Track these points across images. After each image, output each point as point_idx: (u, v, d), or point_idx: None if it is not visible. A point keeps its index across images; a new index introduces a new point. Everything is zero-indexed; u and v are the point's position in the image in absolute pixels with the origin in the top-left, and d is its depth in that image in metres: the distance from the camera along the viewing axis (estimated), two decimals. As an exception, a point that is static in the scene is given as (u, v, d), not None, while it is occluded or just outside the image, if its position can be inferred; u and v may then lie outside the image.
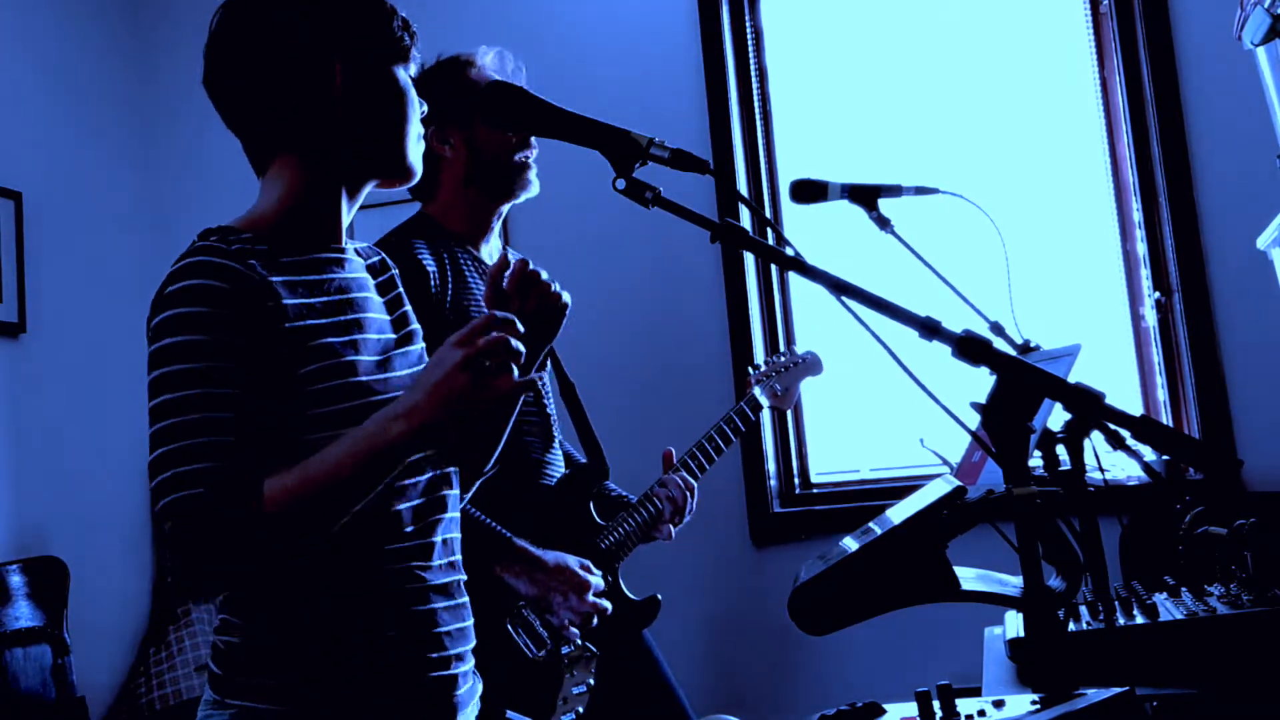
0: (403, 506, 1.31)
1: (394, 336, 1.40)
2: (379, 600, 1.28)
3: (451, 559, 1.38)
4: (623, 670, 2.14)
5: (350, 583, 1.27)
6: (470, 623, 1.39)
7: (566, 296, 1.57)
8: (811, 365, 2.63)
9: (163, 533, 1.14)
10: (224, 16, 1.34)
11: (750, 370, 2.55)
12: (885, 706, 1.06)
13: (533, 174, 2.11)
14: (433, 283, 1.98)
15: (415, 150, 1.39)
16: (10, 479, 2.99)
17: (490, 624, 1.94)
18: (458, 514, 1.41)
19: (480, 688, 1.43)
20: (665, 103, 3.27)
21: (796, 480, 3.22)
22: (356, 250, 1.44)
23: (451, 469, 1.40)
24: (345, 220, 1.39)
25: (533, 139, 2.09)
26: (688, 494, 2.23)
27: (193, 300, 1.19)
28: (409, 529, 1.31)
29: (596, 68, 3.33)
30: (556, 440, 2.16)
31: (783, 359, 2.59)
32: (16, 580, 2.80)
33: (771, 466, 3.16)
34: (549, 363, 2.18)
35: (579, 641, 2.04)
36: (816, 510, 3.13)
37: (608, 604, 2.02)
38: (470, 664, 1.38)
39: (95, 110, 3.44)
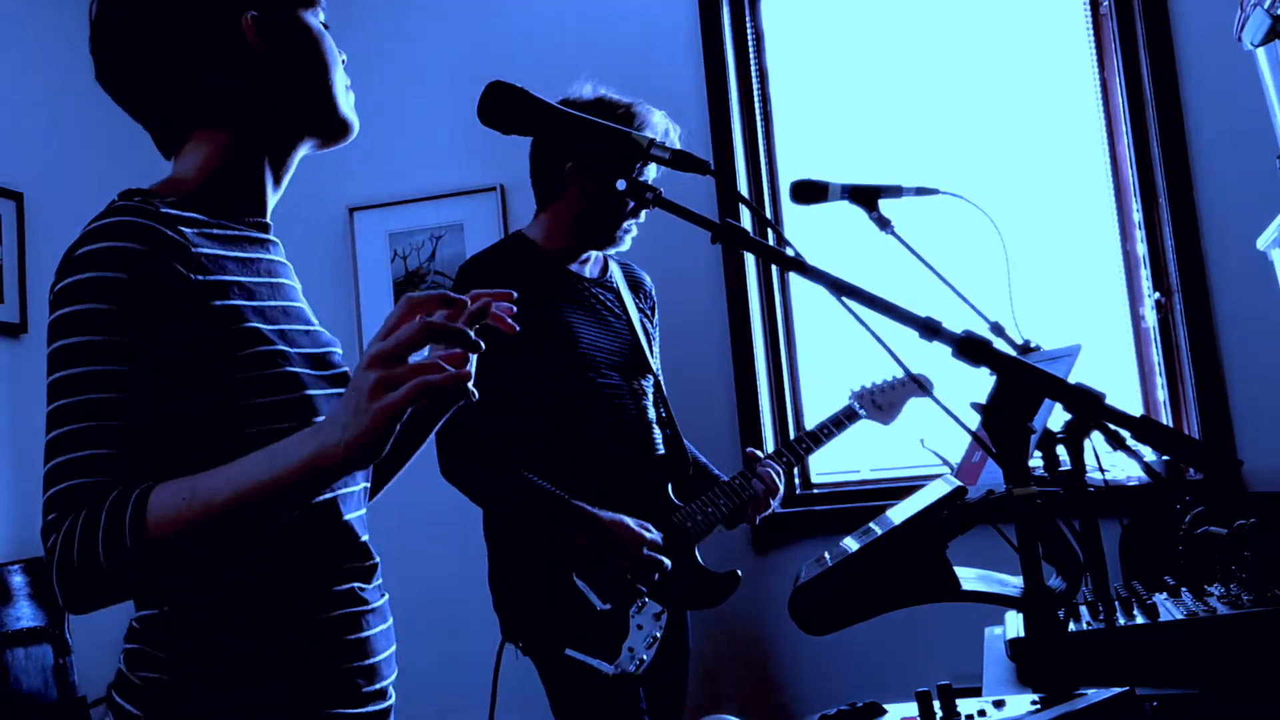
0: (351, 517, 1.23)
1: (319, 330, 1.30)
2: (322, 627, 1.19)
3: (380, 580, 1.29)
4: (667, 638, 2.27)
5: (293, 607, 1.17)
6: (394, 647, 1.31)
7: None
8: (923, 384, 2.66)
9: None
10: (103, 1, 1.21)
11: (851, 390, 2.66)
12: (885, 706, 1.06)
13: (630, 237, 2.34)
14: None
15: (346, 101, 1.28)
16: (11, 479, 3.00)
17: (558, 577, 2.14)
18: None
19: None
20: (666, 103, 3.25)
21: (797, 480, 3.22)
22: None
23: (367, 484, 1.32)
24: (271, 196, 1.29)
25: (641, 214, 2.31)
26: (773, 485, 2.39)
27: (103, 265, 1.06)
28: (356, 541, 1.23)
29: (597, 68, 3.33)
30: (644, 426, 2.32)
31: (889, 380, 2.67)
32: (18, 580, 2.81)
33: (772, 467, 3.16)
34: (653, 375, 2.39)
35: (646, 599, 2.18)
36: (817, 510, 3.13)
37: (667, 560, 2.16)
38: (392, 697, 1.29)
39: (97, 111, 3.43)
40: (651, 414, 2.34)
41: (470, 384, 1.00)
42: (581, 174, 2.26)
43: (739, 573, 2.34)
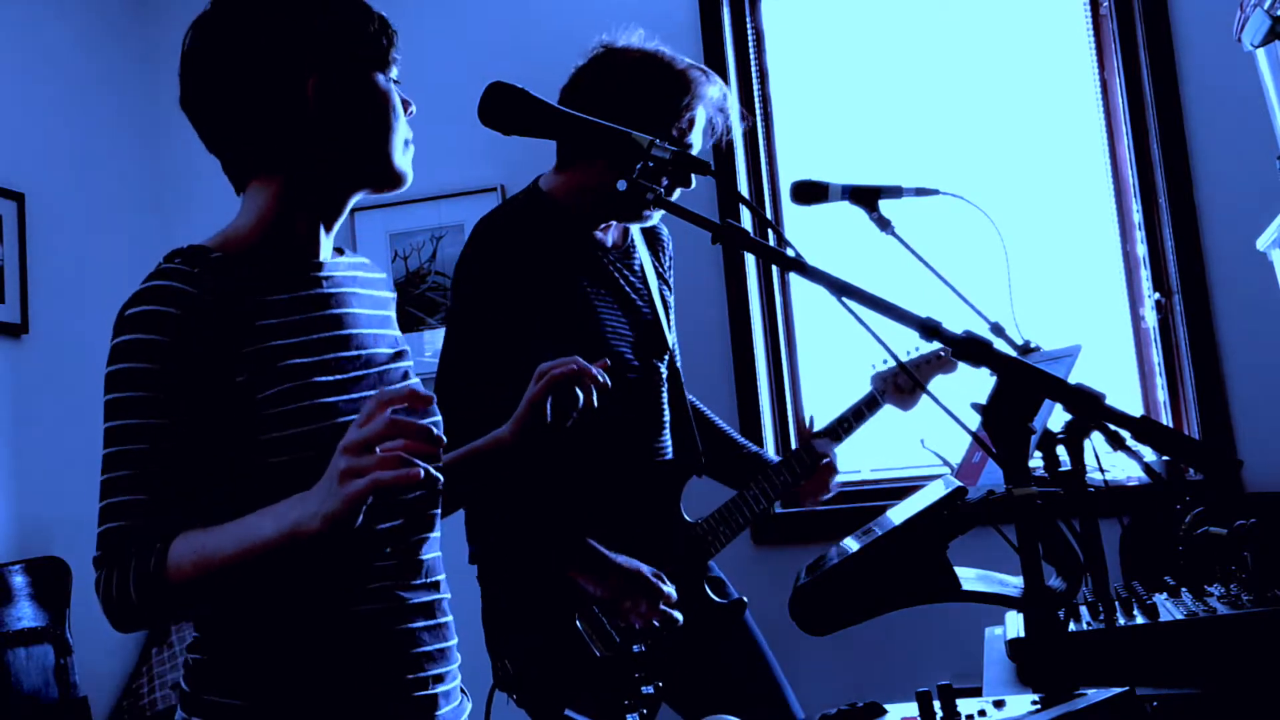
0: (385, 525, 1.29)
1: (386, 352, 1.37)
2: (354, 621, 1.26)
3: (435, 579, 1.35)
4: (721, 664, 2.12)
5: (325, 603, 1.25)
6: (454, 642, 1.36)
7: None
8: (946, 362, 2.40)
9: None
10: (195, 35, 1.30)
11: (873, 366, 2.43)
12: (886, 706, 1.06)
13: (658, 215, 2.09)
14: (541, 262, 1.95)
15: (402, 157, 1.34)
16: (13, 479, 3.00)
17: (561, 621, 1.94)
18: (439, 534, 1.38)
19: (469, 707, 1.40)
20: (666, 104, 3.27)
21: (797, 481, 3.21)
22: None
23: (439, 487, 1.35)
24: (325, 240, 1.35)
25: (675, 191, 2.04)
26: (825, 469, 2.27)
27: (144, 328, 1.20)
28: (389, 549, 1.29)
29: (597, 69, 3.33)
30: (658, 422, 2.12)
31: (912, 359, 2.42)
32: (19, 580, 2.81)
33: (772, 467, 3.16)
34: (669, 354, 2.17)
35: (648, 645, 2.01)
36: (817, 511, 3.12)
37: (679, 615, 1.97)
38: (455, 683, 1.36)
39: (98, 111, 3.44)
40: (667, 412, 2.14)
41: (434, 469, 1.13)
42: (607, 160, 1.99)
43: (744, 600, 2.19)
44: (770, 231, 1.61)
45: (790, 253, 1.11)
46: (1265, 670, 1.27)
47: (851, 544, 1.12)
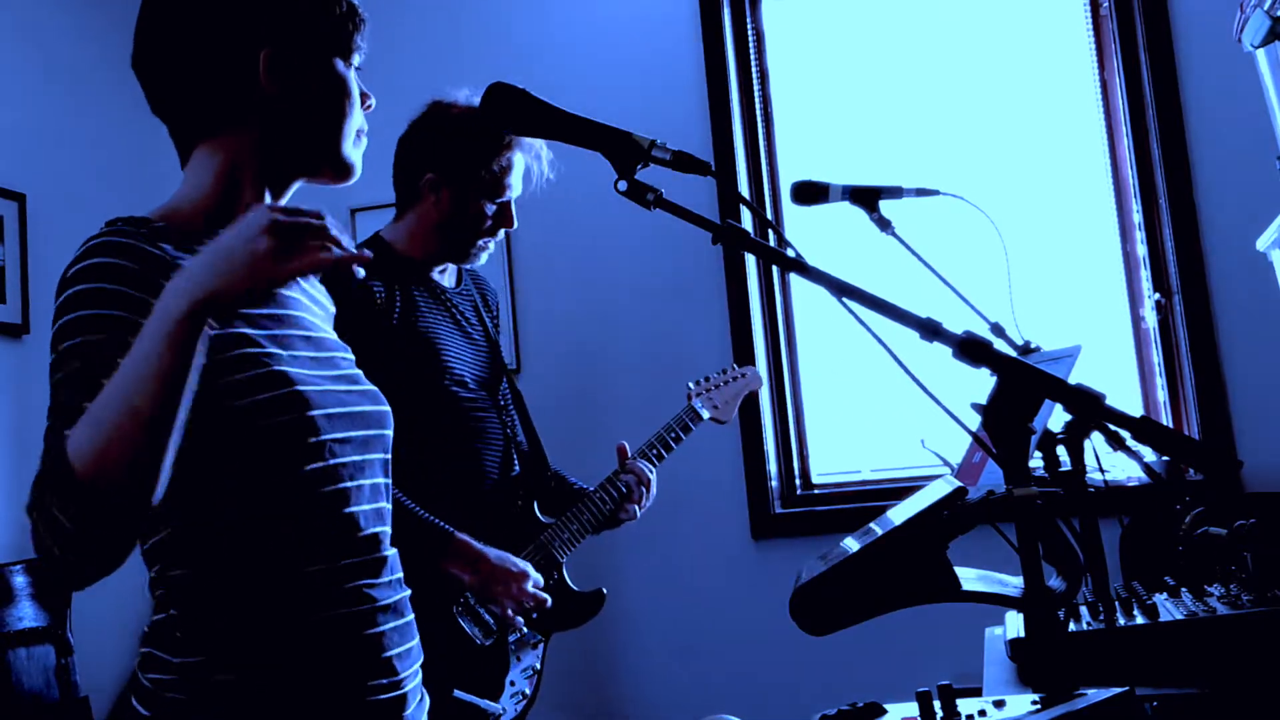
0: (354, 510, 1.24)
1: (325, 335, 1.33)
2: (329, 626, 1.20)
3: (396, 575, 1.31)
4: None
5: (298, 605, 1.19)
6: (416, 640, 1.34)
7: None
8: (751, 380, 2.67)
9: None
10: None
11: (690, 384, 2.59)
12: (886, 706, 1.06)
13: (485, 254, 2.28)
14: (379, 299, 2.12)
15: (353, 148, 1.31)
16: (13, 479, 3.00)
17: (438, 613, 2.08)
18: (390, 529, 1.34)
19: (429, 703, 1.38)
20: (667, 104, 3.28)
21: (798, 481, 3.22)
22: None
23: (386, 479, 1.33)
24: None
25: (499, 232, 2.26)
26: (644, 487, 2.37)
27: (98, 277, 1.10)
28: (361, 535, 1.24)
29: (598, 69, 3.34)
30: (501, 446, 2.27)
31: (724, 374, 2.63)
32: (20, 580, 2.81)
33: (773, 467, 3.16)
34: (499, 377, 2.34)
35: (524, 630, 2.20)
36: (818, 511, 3.13)
37: (547, 596, 2.16)
38: (419, 679, 1.33)
39: (100, 112, 3.44)
40: (512, 429, 2.31)
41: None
42: (440, 185, 2.19)
43: (604, 591, 2.35)
44: (770, 232, 1.61)
45: (790, 253, 1.11)
46: (1265, 670, 1.27)
47: (851, 544, 1.12)
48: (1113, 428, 0.97)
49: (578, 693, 3.14)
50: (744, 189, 3.25)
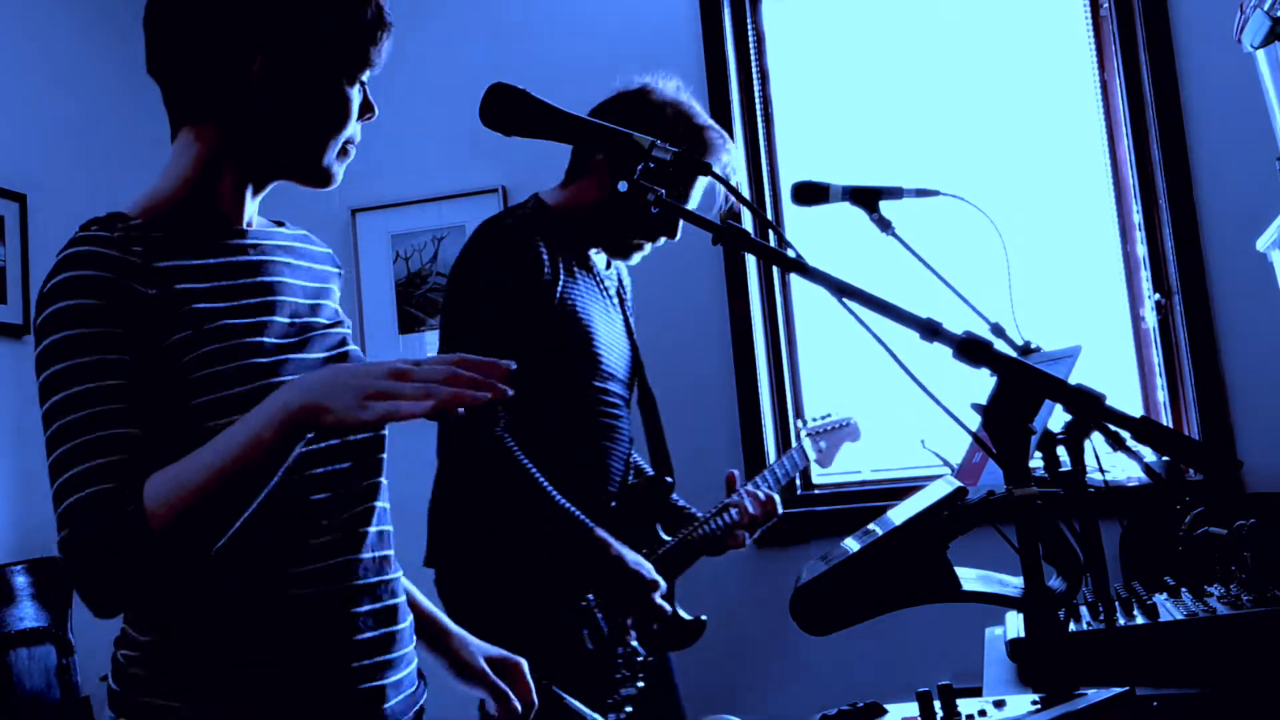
0: (320, 497, 1.22)
1: (324, 322, 1.32)
2: (296, 607, 1.19)
3: (384, 553, 1.28)
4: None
5: (262, 590, 1.18)
6: (407, 624, 1.30)
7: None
8: (853, 431, 2.74)
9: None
10: None
11: (799, 423, 2.62)
12: (886, 706, 1.06)
13: (639, 256, 2.16)
14: (545, 273, 1.99)
15: (334, 158, 1.30)
16: (15, 480, 3.00)
17: (558, 608, 1.94)
18: (388, 505, 1.32)
19: (425, 694, 1.34)
20: (667, 104, 3.27)
21: (798, 481, 3.22)
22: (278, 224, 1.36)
23: (380, 454, 1.30)
24: (249, 205, 1.31)
25: (659, 239, 2.13)
26: (760, 506, 2.28)
27: (75, 293, 1.14)
28: (325, 523, 1.22)
29: (598, 70, 3.33)
30: (627, 448, 2.17)
31: (828, 419, 2.69)
32: (21, 581, 2.81)
33: (773, 467, 3.16)
34: (637, 373, 2.24)
35: (634, 644, 2.02)
36: (818, 511, 3.13)
37: (669, 609, 2.01)
38: (408, 669, 1.29)
39: (101, 112, 3.44)
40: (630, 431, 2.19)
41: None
42: (610, 169, 2.08)
43: (704, 619, 2.23)
44: (771, 232, 1.62)
45: (791, 253, 1.11)
46: (1265, 670, 1.27)
47: (851, 544, 1.12)
48: (1113, 428, 0.97)
49: (578, 693, 3.13)
50: (744, 189, 3.25)
